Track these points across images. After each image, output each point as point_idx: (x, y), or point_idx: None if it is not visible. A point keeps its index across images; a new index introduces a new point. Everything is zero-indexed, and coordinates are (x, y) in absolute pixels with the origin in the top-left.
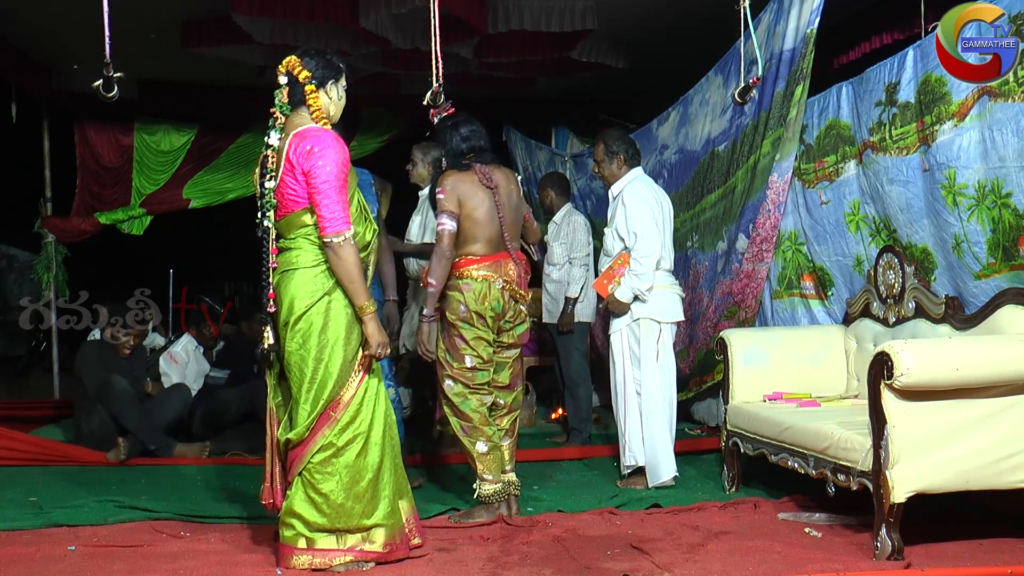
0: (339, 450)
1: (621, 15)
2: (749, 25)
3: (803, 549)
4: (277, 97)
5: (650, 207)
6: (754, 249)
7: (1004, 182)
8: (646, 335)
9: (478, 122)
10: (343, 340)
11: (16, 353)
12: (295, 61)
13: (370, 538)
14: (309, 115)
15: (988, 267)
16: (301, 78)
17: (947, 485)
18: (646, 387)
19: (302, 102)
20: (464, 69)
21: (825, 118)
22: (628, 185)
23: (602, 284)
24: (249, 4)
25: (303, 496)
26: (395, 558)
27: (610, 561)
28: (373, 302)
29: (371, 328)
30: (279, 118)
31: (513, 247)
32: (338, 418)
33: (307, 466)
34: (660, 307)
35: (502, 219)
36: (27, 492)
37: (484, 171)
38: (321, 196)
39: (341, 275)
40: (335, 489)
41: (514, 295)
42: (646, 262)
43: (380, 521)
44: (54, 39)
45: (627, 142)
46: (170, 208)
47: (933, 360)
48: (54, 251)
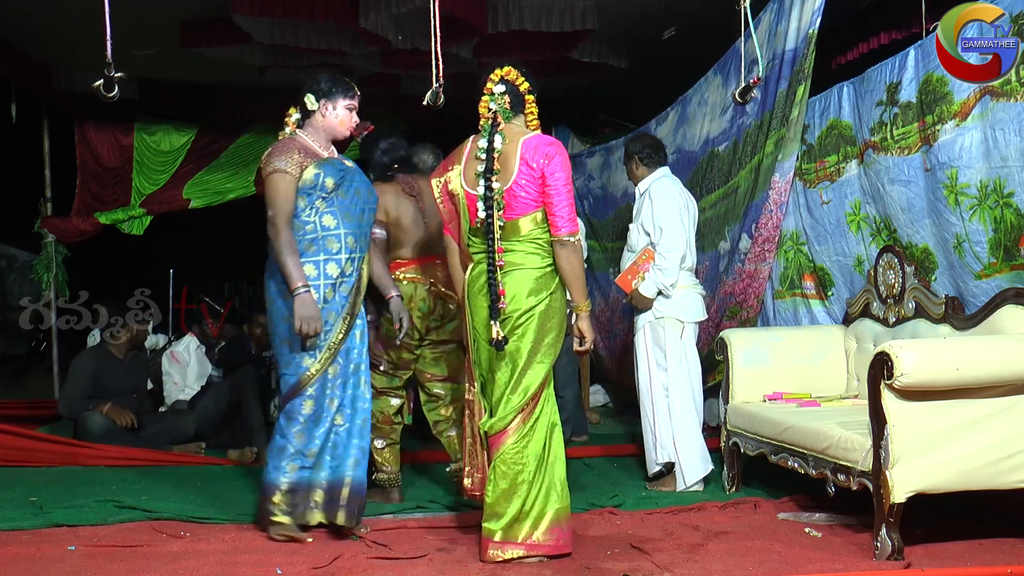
0: (530, 440)
1: (621, 15)
2: (750, 25)
3: (803, 549)
4: (498, 103)
5: (676, 204)
6: (756, 249)
7: (1006, 182)
8: (671, 334)
9: (397, 137)
10: (556, 338)
11: (16, 353)
12: (515, 72)
13: (547, 528)
14: (525, 123)
15: (989, 267)
16: (522, 88)
17: (947, 485)
18: (673, 387)
19: (521, 110)
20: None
21: (826, 118)
22: (655, 182)
23: (625, 279)
24: (249, 4)
25: (504, 486)
26: (563, 551)
27: (610, 561)
28: (589, 301)
29: (585, 325)
30: (500, 123)
31: (438, 252)
32: (532, 409)
33: (502, 455)
34: (683, 306)
35: (427, 224)
36: (27, 492)
37: (406, 180)
38: (557, 198)
39: (568, 273)
40: (527, 479)
41: (441, 295)
42: (671, 256)
43: (553, 509)
44: (54, 39)
45: (645, 143)
46: (170, 208)
47: (933, 360)
48: (54, 251)
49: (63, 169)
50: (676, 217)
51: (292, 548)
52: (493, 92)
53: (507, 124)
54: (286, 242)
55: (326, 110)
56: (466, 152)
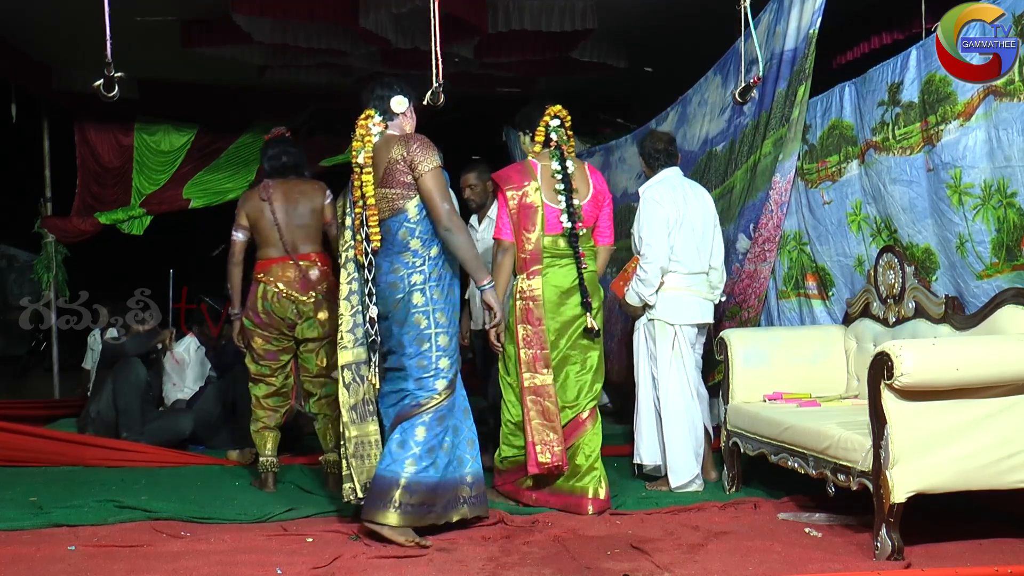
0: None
1: (621, 15)
2: (750, 24)
3: (803, 549)
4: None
5: (662, 211)
6: (756, 250)
7: (1009, 181)
8: (661, 337)
9: (287, 143)
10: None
11: (16, 353)
12: (564, 111)
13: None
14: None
15: (991, 267)
16: (567, 124)
17: (947, 485)
18: (663, 389)
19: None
20: (464, 69)
21: (828, 118)
22: (649, 188)
23: (619, 285)
24: (249, 4)
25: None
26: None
27: (610, 561)
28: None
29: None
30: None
31: (303, 251)
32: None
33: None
34: (673, 309)
35: (278, 226)
36: (27, 492)
37: (265, 185)
38: (609, 214)
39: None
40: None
41: (288, 296)
42: (649, 268)
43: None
44: (54, 39)
45: (651, 143)
46: (170, 208)
47: (933, 360)
48: (54, 251)
49: (63, 169)
50: (655, 227)
51: (292, 548)
52: (550, 124)
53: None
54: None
55: (410, 112)
56: (538, 172)
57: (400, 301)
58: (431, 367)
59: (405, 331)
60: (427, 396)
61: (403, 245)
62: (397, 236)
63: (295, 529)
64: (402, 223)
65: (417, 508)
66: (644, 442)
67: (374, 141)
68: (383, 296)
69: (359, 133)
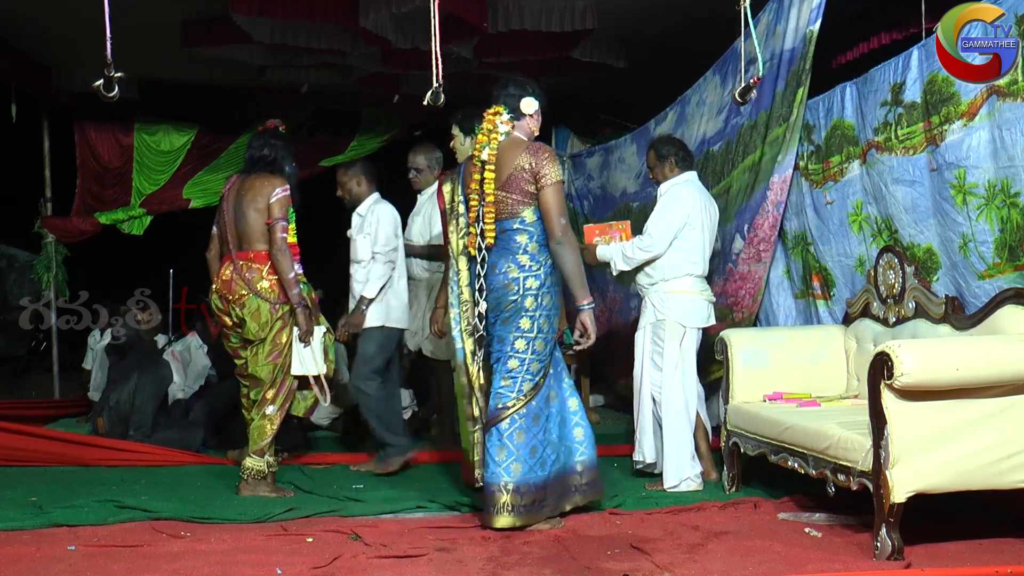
0: None
1: (621, 15)
2: (750, 24)
3: (803, 549)
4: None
5: (683, 210)
6: (751, 250)
7: (1013, 181)
8: (670, 338)
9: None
10: None
11: (16, 353)
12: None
13: None
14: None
15: (993, 267)
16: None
17: (947, 485)
18: (666, 389)
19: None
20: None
21: (830, 118)
22: (673, 187)
23: (592, 231)
24: (249, 4)
25: None
26: None
27: (610, 561)
28: None
29: None
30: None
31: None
32: None
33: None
34: (686, 311)
35: (225, 224)
36: (27, 492)
37: (229, 182)
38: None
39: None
40: None
41: (222, 295)
42: (638, 254)
43: None
44: (54, 39)
45: (676, 145)
46: (170, 208)
47: (933, 360)
48: (54, 251)
49: (63, 169)
50: (671, 223)
51: (292, 548)
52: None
53: None
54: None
55: (537, 116)
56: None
57: (513, 303)
58: (523, 368)
59: (508, 330)
60: (514, 398)
61: (519, 247)
62: (514, 238)
63: (295, 529)
64: (520, 227)
65: (529, 508)
66: (646, 441)
67: (500, 140)
68: (495, 294)
69: (485, 127)
